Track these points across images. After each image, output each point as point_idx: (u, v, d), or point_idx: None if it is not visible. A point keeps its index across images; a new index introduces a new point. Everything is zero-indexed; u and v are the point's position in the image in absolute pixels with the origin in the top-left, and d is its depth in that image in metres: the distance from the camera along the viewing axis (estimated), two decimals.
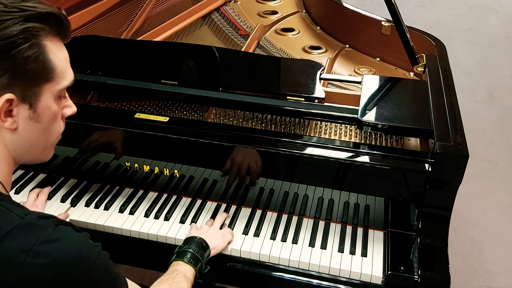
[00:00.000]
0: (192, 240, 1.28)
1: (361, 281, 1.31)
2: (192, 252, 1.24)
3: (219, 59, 1.69)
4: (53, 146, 1.00)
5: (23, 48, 0.85)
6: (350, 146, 1.39)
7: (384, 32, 1.94)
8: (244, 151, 1.41)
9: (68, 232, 0.88)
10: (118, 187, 1.57)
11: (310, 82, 1.55)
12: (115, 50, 1.72)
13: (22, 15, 0.85)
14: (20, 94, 0.87)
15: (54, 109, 0.93)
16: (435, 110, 1.42)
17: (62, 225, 0.88)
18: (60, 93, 0.94)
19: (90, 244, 0.90)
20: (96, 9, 2.02)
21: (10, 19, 0.84)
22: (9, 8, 0.85)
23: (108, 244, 1.46)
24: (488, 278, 2.39)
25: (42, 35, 0.88)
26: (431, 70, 1.63)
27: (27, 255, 0.81)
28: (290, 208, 1.49)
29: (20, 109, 0.89)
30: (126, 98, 1.66)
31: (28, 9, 0.86)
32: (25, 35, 0.85)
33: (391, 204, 1.41)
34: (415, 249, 1.31)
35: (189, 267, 1.21)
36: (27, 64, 0.86)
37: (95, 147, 1.53)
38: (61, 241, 0.85)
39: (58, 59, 0.91)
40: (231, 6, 2.30)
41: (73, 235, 0.88)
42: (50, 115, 0.93)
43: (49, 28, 0.89)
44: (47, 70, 0.89)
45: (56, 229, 0.86)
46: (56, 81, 0.91)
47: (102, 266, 0.91)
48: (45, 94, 0.91)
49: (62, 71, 0.92)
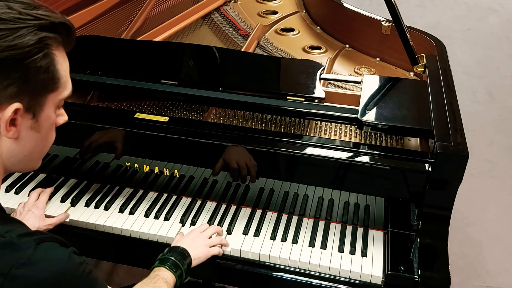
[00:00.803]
0: (175, 249, 1.30)
1: (361, 281, 1.31)
2: (174, 259, 1.26)
3: (219, 59, 1.69)
4: (43, 156, 0.98)
5: (37, 58, 0.84)
6: (350, 146, 1.39)
7: (384, 32, 1.94)
8: (238, 151, 1.41)
9: (50, 250, 0.84)
10: (118, 187, 1.57)
11: (310, 82, 1.55)
12: (115, 50, 1.72)
13: (36, 24, 0.84)
14: (26, 104, 0.86)
15: (53, 118, 0.93)
16: (435, 110, 1.42)
17: (46, 242, 0.84)
18: (60, 103, 0.93)
19: (74, 262, 0.86)
20: (96, 9, 2.02)
21: (24, 27, 0.82)
22: (23, 15, 0.83)
23: (108, 244, 1.48)
24: (488, 278, 2.39)
25: (53, 45, 0.87)
26: (431, 70, 1.63)
27: (4, 278, 0.79)
28: (290, 208, 1.49)
29: (23, 119, 0.87)
30: (126, 98, 1.66)
31: (42, 17, 0.85)
32: (40, 45, 0.84)
33: (391, 204, 1.41)
34: (415, 249, 1.31)
35: (170, 273, 1.23)
36: (39, 74, 0.85)
37: (95, 147, 1.53)
38: (41, 263, 0.82)
39: (63, 69, 0.91)
40: (231, 6, 2.30)
41: (55, 254, 0.84)
42: (48, 125, 0.92)
43: (59, 38, 0.88)
44: (54, 80, 0.88)
45: (37, 249, 0.82)
46: (59, 92, 0.91)
47: (87, 284, 0.88)
48: (48, 104, 0.90)
49: (65, 81, 0.92)
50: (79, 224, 1.46)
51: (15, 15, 0.82)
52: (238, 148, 1.41)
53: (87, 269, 0.88)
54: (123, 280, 2.18)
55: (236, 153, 1.42)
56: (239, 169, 1.45)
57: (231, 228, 1.43)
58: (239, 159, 1.43)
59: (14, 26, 0.81)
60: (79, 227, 1.46)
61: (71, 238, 1.44)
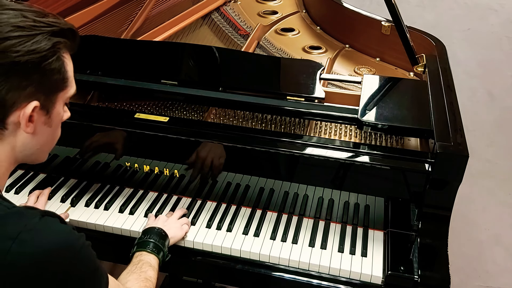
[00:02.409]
0: (152, 230, 1.32)
1: (361, 281, 1.31)
2: (154, 241, 1.28)
3: (219, 59, 1.69)
4: (50, 150, 1.07)
5: (52, 61, 0.93)
6: (350, 146, 1.39)
7: (384, 32, 1.94)
8: (211, 148, 1.41)
9: (54, 222, 0.92)
10: (118, 187, 1.57)
11: (310, 82, 1.55)
12: (115, 50, 1.71)
13: (49, 30, 0.93)
14: (42, 102, 0.95)
15: (61, 115, 1.02)
16: (435, 110, 1.42)
17: (48, 216, 0.92)
18: (67, 100, 1.02)
19: (75, 234, 0.93)
20: (96, 9, 2.02)
21: (40, 33, 0.91)
22: (37, 23, 0.92)
23: (108, 244, 1.48)
24: (488, 278, 2.39)
25: (62, 49, 0.96)
26: (431, 70, 1.63)
27: (13, 242, 0.84)
28: (290, 208, 1.49)
29: (39, 115, 0.96)
30: (126, 98, 1.66)
31: (53, 24, 0.94)
32: (54, 49, 0.93)
33: (391, 204, 1.41)
34: (415, 249, 1.31)
35: (153, 256, 1.26)
36: (53, 75, 0.95)
37: (95, 147, 1.53)
38: (47, 230, 0.89)
39: (70, 70, 1.00)
40: (231, 6, 2.30)
41: (59, 225, 0.92)
42: (58, 121, 1.02)
43: (68, 42, 0.98)
44: (64, 80, 0.98)
45: (42, 219, 0.89)
46: (68, 90, 1.01)
47: (86, 256, 0.94)
48: (59, 102, 0.99)
49: (72, 80, 1.02)
50: (79, 224, 1.46)
51: (30, 23, 0.91)
52: (238, 148, 1.41)
53: (86, 242, 0.94)
54: None
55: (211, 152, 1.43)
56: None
57: (231, 228, 1.43)
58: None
59: (31, 33, 0.90)
60: (79, 227, 1.46)
61: None
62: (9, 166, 0.99)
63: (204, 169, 1.48)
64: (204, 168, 1.48)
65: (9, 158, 0.97)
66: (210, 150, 1.44)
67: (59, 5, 1.95)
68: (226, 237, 1.41)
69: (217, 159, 1.46)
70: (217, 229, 1.43)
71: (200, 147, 1.45)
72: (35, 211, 0.91)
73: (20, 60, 0.88)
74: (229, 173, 1.48)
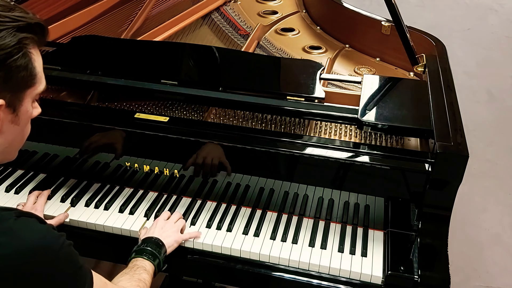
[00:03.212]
0: (149, 239, 1.33)
1: (361, 281, 1.31)
2: (150, 249, 1.29)
3: (219, 59, 1.69)
4: (20, 147, 1.04)
5: (17, 57, 0.89)
6: (350, 146, 1.40)
7: (384, 32, 1.94)
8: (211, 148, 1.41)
9: (30, 222, 0.90)
10: (118, 187, 1.57)
11: (310, 82, 1.55)
12: (115, 50, 1.71)
13: (14, 26, 0.89)
14: (8, 100, 0.91)
15: (30, 112, 0.98)
16: (435, 110, 1.42)
17: (25, 217, 0.90)
18: (36, 96, 0.99)
19: (53, 234, 0.91)
20: (96, 9, 2.03)
21: (4, 29, 0.87)
22: (2, 17, 0.88)
23: (108, 244, 1.48)
24: (488, 278, 2.39)
25: (30, 44, 0.92)
26: (431, 70, 1.63)
27: None
28: (290, 208, 1.49)
29: (5, 114, 0.92)
30: (126, 98, 1.66)
31: (19, 19, 0.90)
32: (20, 45, 0.89)
33: (391, 204, 1.41)
34: (415, 249, 1.31)
35: (149, 262, 1.26)
36: (19, 72, 0.91)
37: (95, 147, 1.53)
38: (23, 230, 0.87)
39: (39, 65, 0.96)
40: (231, 6, 2.30)
41: (36, 226, 0.90)
42: (26, 118, 0.98)
43: (35, 37, 0.94)
44: (32, 76, 0.94)
45: (17, 220, 0.87)
46: (36, 87, 0.97)
47: (66, 256, 0.92)
48: (26, 99, 0.96)
49: (41, 76, 0.97)
50: (79, 224, 1.46)
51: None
52: (238, 148, 1.41)
53: (66, 242, 0.93)
54: None
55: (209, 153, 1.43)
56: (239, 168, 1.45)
57: (231, 228, 1.43)
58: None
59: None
60: (79, 227, 1.46)
61: (71, 238, 1.44)
62: None
63: (204, 169, 1.48)
64: (204, 168, 1.48)
65: None
66: (210, 150, 1.44)
67: (59, 5, 1.95)
68: (226, 237, 1.41)
69: (217, 159, 1.46)
70: (217, 229, 1.43)
71: (200, 147, 1.45)
72: (10, 212, 0.89)
73: None
74: (223, 169, 1.47)
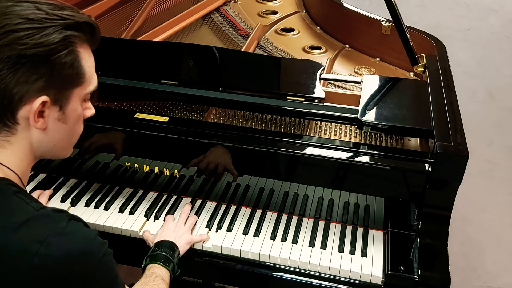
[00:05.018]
0: (164, 243, 1.32)
1: (361, 281, 1.31)
2: (165, 254, 1.29)
3: (219, 59, 1.69)
4: (73, 145, 1.06)
5: (62, 54, 0.90)
6: (350, 146, 1.40)
7: (384, 32, 1.94)
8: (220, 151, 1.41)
9: (80, 227, 0.92)
10: (118, 187, 1.57)
11: (310, 82, 1.55)
12: (115, 50, 1.71)
13: (62, 23, 0.90)
14: (53, 97, 0.92)
15: (79, 111, 1.00)
16: (435, 110, 1.42)
17: (74, 220, 0.92)
18: (85, 96, 1.00)
19: (99, 241, 0.93)
20: (96, 9, 2.02)
21: (51, 26, 0.89)
22: (50, 15, 0.90)
23: (108, 244, 1.47)
24: (488, 278, 2.39)
25: (77, 43, 0.93)
26: (431, 70, 1.63)
27: (41, 245, 0.84)
28: (290, 208, 1.49)
29: (51, 111, 0.94)
30: (126, 98, 1.66)
31: (67, 17, 0.92)
32: (65, 42, 0.90)
33: (391, 204, 1.41)
34: (415, 249, 1.32)
35: (165, 270, 1.26)
36: (64, 69, 0.92)
37: (95, 147, 1.53)
38: (73, 234, 0.89)
39: (88, 65, 0.97)
40: (231, 6, 2.30)
41: (84, 230, 0.92)
42: (75, 117, 0.99)
43: (84, 36, 0.95)
44: (79, 75, 0.95)
45: (69, 223, 0.89)
46: (84, 86, 0.98)
47: (108, 263, 0.94)
48: (74, 98, 0.97)
49: (90, 76, 0.99)
50: None
51: (42, 15, 0.89)
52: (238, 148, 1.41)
53: (108, 250, 0.94)
54: (123, 280, 2.17)
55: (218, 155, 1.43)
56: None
57: (231, 228, 1.43)
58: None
59: (41, 26, 0.88)
60: None
61: None
62: (30, 161, 0.98)
63: (204, 169, 1.48)
64: (204, 168, 1.48)
65: (28, 153, 0.96)
66: (210, 150, 1.44)
67: None
68: (226, 237, 1.41)
69: (217, 159, 1.46)
70: (217, 229, 1.43)
71: (200, 147, 1.45)
72: (62, 214, 0.91)
73: (26, 53, 0.86)
74: (229, 173, 1.48)
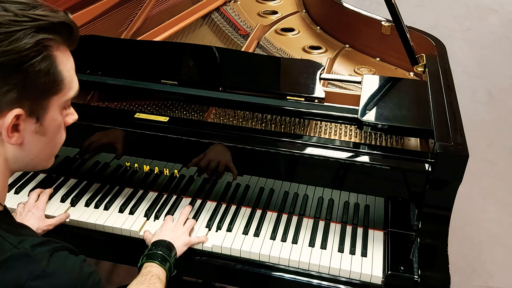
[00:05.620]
0: (161, 243, 1.31)
1: (361, 281, 1.31)
2: (162, 253, 1.27)
3: (219, 59, 1.69)
4: (54, 155, 0.97)
5: (36, 61, 0.80)
6: (350, 146, 1.39)
7: (384, 32, 1.94)
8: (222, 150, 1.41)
9: (64, 261, 0.85)
10: (118, 187, 1.57)
11: (310, 82, 1.55)
12: (115, 50, 1.71)
13: (33, 25, 0.80)
14: (28, 109, 0.83)
15: (59, 120, 0.90)
16: (435, 110, 1.42)
17: (57, 252, 0.85)
18: (66, 103, 0.91)
19: (86, 272, 0.88)
20: (96, 9, 2.02)
21: (21, 29, 0.79)
22: (20, 17, 0.79)
23: (108, 244, 1.47)
24: (488, 278, 2.39)
25: (53, 46, 0.83)
26: (431, 70, 1.63)
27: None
28: (290, 208, 1.49)
29: (27, 124, 0.85)
30: (126, 98, 1.66)
31: (40, 18, 0.81)
32: (38, 47, 0.80)
33: (391, 204, 1.41)
34: (415, 249, 1.31)
35: (162, 269, 1.24)
36: (39, 78, 0.82)
37: (95, 147, 1.53)
38: (55, 275, 0.82)
39: (67, 70, 0.87)
40: (231, 6, 2.30)
41: (69, 264, 0.86)
42: (55, 127, 0.90)
43: (60, 38, 0.85)
44: (56, 82, 0.85)
45: (51, 260, 0.83)
46: (64, 93, 0.88)
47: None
48: (53, 107, 0.87)
49: (70, 81, 0.89)
50: (79, 224, 1.46)
51: (10, 18, 0.79)
52: (237, 148, 1.41)
53: (96, 278, 0.89)
54: (123, 280, 2.18)
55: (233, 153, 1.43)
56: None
57: (231, 228, 1.43)
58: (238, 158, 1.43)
59: (10, 30, 0.78)
60: (79, 227, 1.46)
61: (71, 238, 1.44)
62: (5, 178, 0.90)
63: (205, 167, 1.48)
64: (204, 166, 1.48)
65: (3, 171, 0.88)
66: (210, 150, 1.44)
67: (58, 5, 1.95)
68: (226, 237, 1.41)
69: (217, 157, 1.46)
70: (217, 229, 1.43)
71: (200, 147, 1.45)
72: (43, 250, 0.83)
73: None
74: (229, 173, 1.48)
